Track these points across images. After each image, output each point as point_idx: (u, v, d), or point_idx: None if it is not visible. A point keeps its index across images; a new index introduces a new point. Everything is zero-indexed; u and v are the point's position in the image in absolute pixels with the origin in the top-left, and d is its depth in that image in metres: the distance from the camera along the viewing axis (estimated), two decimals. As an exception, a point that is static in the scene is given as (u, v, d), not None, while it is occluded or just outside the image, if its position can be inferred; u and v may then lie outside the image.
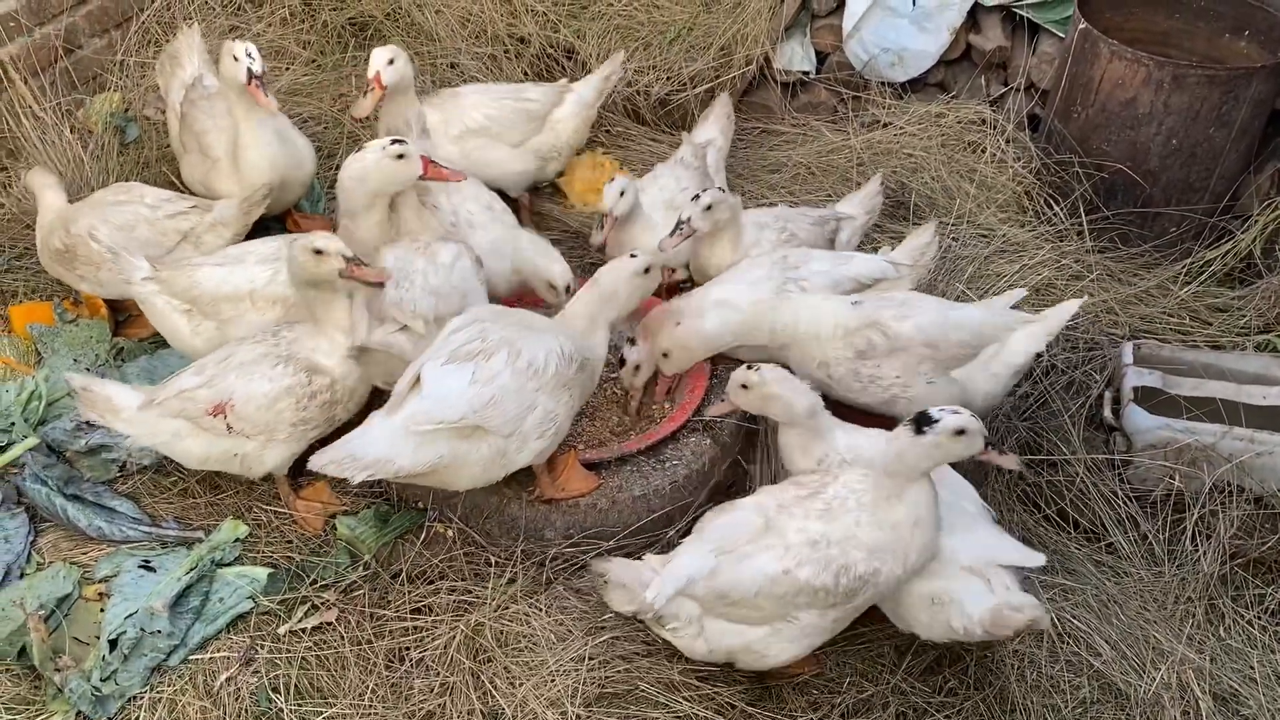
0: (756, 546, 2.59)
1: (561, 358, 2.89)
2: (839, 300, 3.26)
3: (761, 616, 2.60)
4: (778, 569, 2.54)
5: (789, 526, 2.60)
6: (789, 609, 2.58)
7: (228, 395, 2.96)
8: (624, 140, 4.81)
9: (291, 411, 2.99)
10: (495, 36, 4.97)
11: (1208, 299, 4.10)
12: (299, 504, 3.23)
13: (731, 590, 2.57)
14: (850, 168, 4.59)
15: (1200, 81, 4.00)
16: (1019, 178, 4.44)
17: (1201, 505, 3.27)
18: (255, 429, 2.99)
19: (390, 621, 2.98)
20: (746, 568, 2.56)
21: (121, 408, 3.02)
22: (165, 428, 3.01)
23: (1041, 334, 3.24)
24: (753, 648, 2.65)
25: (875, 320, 3.16)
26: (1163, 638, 3.05)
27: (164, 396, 2.98)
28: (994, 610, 2.60)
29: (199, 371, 3.01)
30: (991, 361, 3.22)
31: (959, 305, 3.30)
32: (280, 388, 2.97)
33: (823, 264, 3.40)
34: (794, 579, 2.54)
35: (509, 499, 3.10)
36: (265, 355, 3.01)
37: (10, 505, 3.20)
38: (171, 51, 4.23)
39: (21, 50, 4.33)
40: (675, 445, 3.25)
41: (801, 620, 2.60)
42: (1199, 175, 4.23)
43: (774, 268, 3.37)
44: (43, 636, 2.84)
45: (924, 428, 2.48)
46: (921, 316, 3.16)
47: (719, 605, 2.61)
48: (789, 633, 2.62)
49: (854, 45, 4.88)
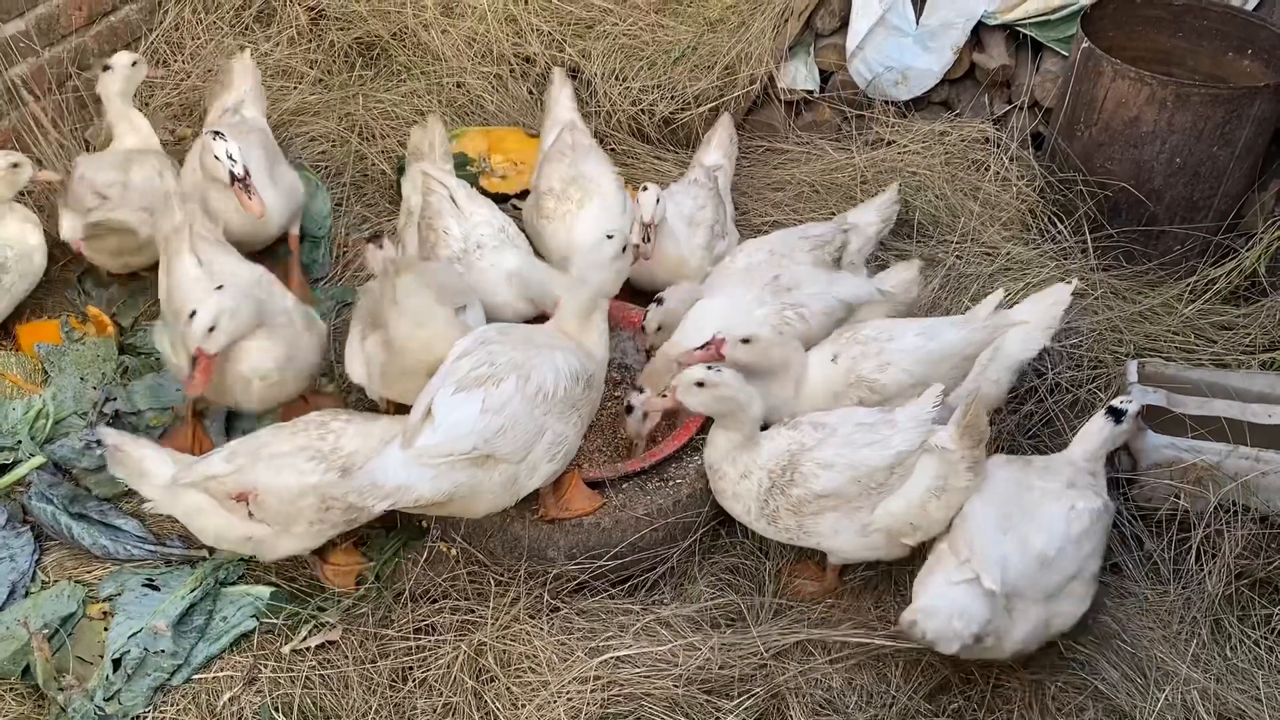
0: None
1: (570, 378, 2.91)
2: (819, 359, 3.27)
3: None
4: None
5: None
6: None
7: (253, 484, 2.89)
8: (629, 158, 4.83)
9: (313, 510, 2.92)
10: (501, 56, 5.00)
11: (1212, 317, 4.09)
12: (328, 569, 3.16)
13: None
14: (854, 186, 4.60)
15: (1204, 100, 4.01)
16: (1023, 196, 4.45)
17: (1207, 524, 3.25)
18: (274, 519, 2.92)
19: (393, 641, 2.99)
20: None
21: (151, 473, 2.96)
22: (187, 501, 2.94)
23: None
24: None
25: (859, 377, 3.19)
26: (1167, 658, 3.03)
27: (192, 477, 2.92)
28: None
29: (230, 458, 2.94)
30: (989, 367, 3.25)
31: (939, 328, 3.27)
32: (307, 484, 2.90)
33: (815, 285, 3.41)
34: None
35: (512, 518, 3.10)
36: (303, 448, 2.93)
37: (15, 524, 3.21)
38: (224, 73, 4.24)
39: (33, 70, 4.36)
40: (678, 464, 3.25)
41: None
42: (1203, 193, 4.23)
43: (765, 291, 3.38)
44: (46, 656, 2.84)
45: (1121, 418, 3.03)
46: (903, 359, 3.18)
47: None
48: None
49: (858, 64, 4.90)
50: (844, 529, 2.96)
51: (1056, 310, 3.33)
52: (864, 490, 2.92)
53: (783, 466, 2.97)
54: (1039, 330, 3.31)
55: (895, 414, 2.99)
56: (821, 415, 3.07)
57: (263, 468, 2.90)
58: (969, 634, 2.67)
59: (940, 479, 2.91)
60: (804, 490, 2.93)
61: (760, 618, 3.09)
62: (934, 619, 2.68)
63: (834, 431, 2.99)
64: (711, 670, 2.88)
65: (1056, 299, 3.35)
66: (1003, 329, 3.25)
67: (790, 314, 3.36)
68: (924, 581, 2.83)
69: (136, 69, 4.05)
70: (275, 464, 2.90)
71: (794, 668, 2.92)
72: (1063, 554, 2.80)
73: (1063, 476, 2.95)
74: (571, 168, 3.88)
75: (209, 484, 2.90)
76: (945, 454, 2.89)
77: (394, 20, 5.09)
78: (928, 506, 2.92)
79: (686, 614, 3.06)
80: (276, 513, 2.90)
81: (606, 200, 3.79)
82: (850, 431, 2.98)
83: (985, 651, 2.79)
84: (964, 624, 2.67)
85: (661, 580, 3.20)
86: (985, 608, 2.69)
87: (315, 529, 2.96)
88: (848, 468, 2.91)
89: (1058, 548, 2.80)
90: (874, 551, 3.02)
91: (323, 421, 3.00)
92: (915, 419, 2.95)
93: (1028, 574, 2.75)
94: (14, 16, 4.27)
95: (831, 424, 3.02)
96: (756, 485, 3.01)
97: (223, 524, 2.94)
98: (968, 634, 2.67)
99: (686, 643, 2.94)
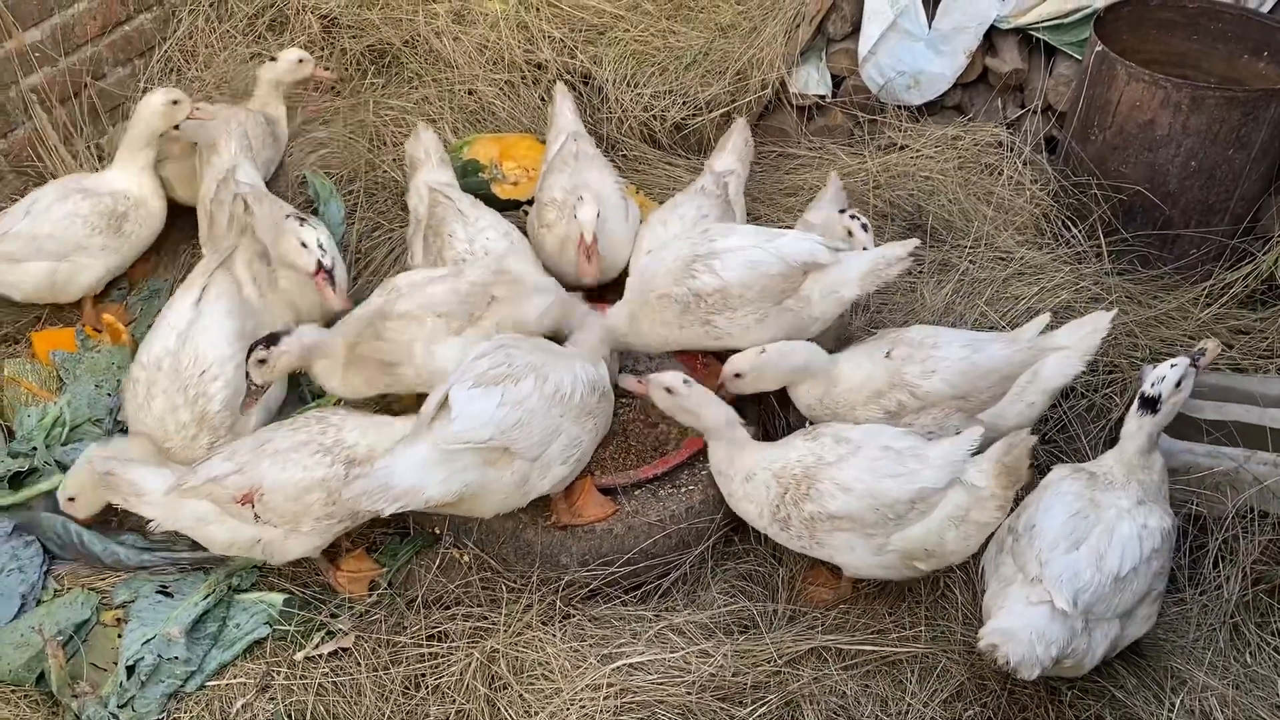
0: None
1: (587, 385, 2.94)
2: (865, 357, 3.24)
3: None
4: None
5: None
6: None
7: (258, 482, 2.88)
8: (640, 165, 4.83)
9: (320, 505, 2.91)
10: (512, 63, 5.00)
11: (1229, 321, 4.06)
12: (340, 577, 3.16)
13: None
14: (866, 190, 4.59)
15: (1219, 103, 3.98)
16: (1036, 200, 4.42)
17: (1225, 530, 3.23)
18: (281, 519, 2.91)
19: (406, 648, 2.99)
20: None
21: (146, 492, 2.95)
22: (190, 511, 2.93)
23: (1077, 355, 3.23)
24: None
25: (903, 379, 3.15)
26: (1184, 665, 3.01)
27: (193, 483, 2.91)
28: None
29: (230, 457, 2.94)
30: (1026, 390, 3.20)
31: (985, 342, 3.23)
32: (314, 478, 2.90)
33: (745, 239, 3.31)
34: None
35: (525, 525, 3.10)
36: (306, 443, 2.93)
37: (24, 534, 3.21)
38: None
39: (48, 79, 4.39)
40: (690, 470, 3.25)
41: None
42: (1219, 197, 4.20)
43: (686, 243, 3.35)
44: (61, 663, 2.85)
45: (1156, 404, 2.87)
46: (947, 369, 3.14)
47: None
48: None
49: (870, 69, 4.89)
50: (858, 547, 2.94)
51: (1095, 338, 3.25)
52: (881, 519, 2.88)
53: (797, 478, 2.94)
54: (1077, 356, 3.24)
55: (928, 448, 2.93)
56: (846, 429, 3.03)
57: (267, 464, 2.90)
58: (1049, 658, 2.60)
59: (962, 510, 2.87)
60: (818, 508, 2.90)
61: (774, 624, 3.08)
62: (1015, 643, 2.60)
63: (857, 450, 2.94)
64: (725, 677, 2.87)
65: (1095, 326, 3.26)
66: (1045, 352, 3.20)
67: (698, 265, 3.27)
68: (998, 600, 2.76)
69: (303, 65, 4.29)
70: (279, 460, 2.90)
71: (808, 675, 2.91)
72: (1136, 573, 2.75)
73: (1132, 492, 2.88)
74: (574, 177, 3.90)
75: (211, 488, 2.89)
76: (974, 490, 2.86)
77: (406, 28, 5.10)
78: (945, 535, 2.88)
79: (699, 621, 3.05)
80: (283, 511, 2.89)
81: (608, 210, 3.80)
82: (875, 455, 2.92)
83: (1062, 671, 2.75)
84: (1045, 648, 2.60)
85: (674, 587, 3.19)
86: (1064, 629, 2.64)
87: (324, 525, 2.95)
88: (867, 494, 2.87)
89: (1131, 567, 2.74)
90: (887, 571, 2.99)
91: (321, 416, 3.02)
92: (948, 459, 2.89)
93: (1103, 593, 2.70)
94: (31, 25, 4.30)
95: (855, 440, 2.97)
96: (764, 489, 2.99)
97: (230, 530, 2.93)
98: (1048, 658, 2.60)
99: (699, 649, 2.93)
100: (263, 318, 3.38)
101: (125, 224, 3.83)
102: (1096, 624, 2.73)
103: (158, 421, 3.15)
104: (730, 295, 3.22)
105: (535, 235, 3.88)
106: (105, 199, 3.79)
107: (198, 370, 3.16)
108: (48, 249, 3.71)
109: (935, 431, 3.15)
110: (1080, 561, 2.72)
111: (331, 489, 2.89)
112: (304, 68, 4.32)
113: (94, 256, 3.80)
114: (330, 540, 3.03)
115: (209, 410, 3.15)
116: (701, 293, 3.23)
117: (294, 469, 2.89)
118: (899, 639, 3.02)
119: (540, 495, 2.96)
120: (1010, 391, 3.19)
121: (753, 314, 3.25)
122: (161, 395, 3.15)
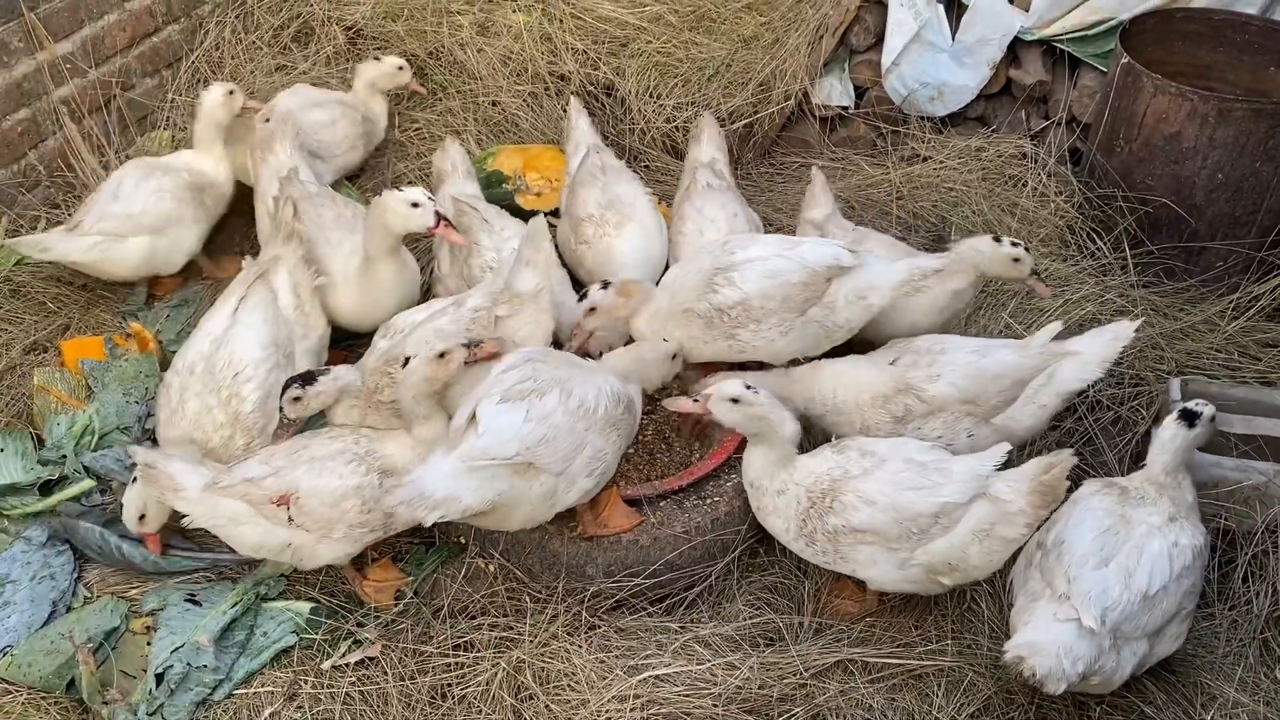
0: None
1: (611, 398, 2.95)
2: (870, 365, 3.25)
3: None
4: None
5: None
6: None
7: (294, 487, 2.91)
8: (662, 175, 4.84)
9: (355, 513, 2.94)
10: (536, 75, 5.03)
11: (1256, 334, 4.04)
12: (367, 586, 3.17)
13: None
14: (889, 201, 4.59)
15: (1246, 115, 3.97)
16: (1061, 211, 4.41)
17: (1255, 545, 3.21)
18: (315, 524, 2.94)
19: (433, 657, 2.99)
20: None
21: (184, 487, 2.97)
22: (224, 510, 2.94)
23: (1095, 362, 3.20)
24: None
25: (908, 385, 3.15)
26: (1214, 681, 2.98)
27: (229, 482, 2.94)
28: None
29: (267, 460, 2.97)
30: (1040, 392, 3.19)
31: (992, 348, 3.23)
32: (349, 486, 2.94)
33: (765, 249, 3.31)
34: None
35: (551, 535, 3.10)
36: (341, 451, 2.97)
37: (56, 542, 3.24)
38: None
39: (79, 90, 4.44)
40: (716, 482, 3.25)
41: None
42: (1245, 209, 4.18)
43: (707, 257, 3.35)
44: (91, 669, 2.87)
45: (1194, 420, 2.89)
46: (954, 373, 3.14)
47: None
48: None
49: (893, 80, 4.89)
50: (882, 560, 2.93)
51: (1116, 346, 3.22)
52: (905, 533, 2.87)
53: (823, 490, 2.94)
54: (1094, 362, 3.21)
55: (952, 462, 2.92)
56: (872, 442, 3.02)
57: (303, 470, 2.93)
58: (1076, 674, 2.59)
59: (987, 525, 2.85)
60: (842, 521, 2.90)
61: (799, 637, 3.08)
62: (1042, 656, 2.59)
63: (882, 463, 2.93)
64: (751, 690, 2.87)
65: (1117, 335, 3.24)
66: (1057, 358, 3.19)
67: (719, 279, 3.27)
68: (1025, 615, 2.74)
69: (401, 73, 4.64)
70: (316, 466, 2.93)
71: (834, 688, 2.90)
72: (1165, 591, 2.73)
73: (1163, 509, 2.87)
74: (606, 191, 3.93)
75: (247, 489, 2.92)
76: (1002, 505, 2.84)
77: (430, 39, 5.13)
78: (969, 550, 2.86)
79: (725, 633, 3.05)
80: (319, 516, 2.92)
81: (644, 225, 3.85)
82: (899, 468, 2.91)
83: (1089, 688, 2.74)
84: (1072, 664, 2.59)
85: (699, 598, 3.19)
86: (1092, 646, 2.63)
87: (356, 533, 2.97)
88: (890, 508, 2.86)
89: (1161, 585, 2.72)
90: (912, 585, 2.98)
91: (354, 428, 3.06)
92: (972, 473, 2.87)
93: (1131, 612, 2.69)
94: (62, 37, 4.35)
95: (881, 454, 2.96)
96: (794, 503, 2.99)
97: (262, 532, 2.95)
98: (1075, 674, 2.59)
99: (725, 661, 2.93)
100: (295, 329, 3.44)
101: (206, 197, 4.11)
102: (1125, 643, 2.71)
103: (193, 424, 3.20)
104: (752, 307, 3.23)
105: (573, 251, 3.90)
106: (183, 174, 4.06)
107: (231, 372, 3.23)
108: (145, 224, 3.94)
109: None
110: (1109, 579, 2.71)
111: (366, 497, 2.92)
112: (402, 75, 4.64)
113: (187, 227, 4.06)
114: (361, 548, 3.05)
115: (241, 411, 3.21)
116: (723, 306, 3.24)
117: (330, 476, 2.92)
118: (925, 652, 3.01)
119: (567, 508, 2.97)
120: (1023, 395, 3.18)
121: (777, 327, 3.25)
122: (195, 398, 3.21)
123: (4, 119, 4.21)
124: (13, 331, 3.95)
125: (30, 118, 4.30)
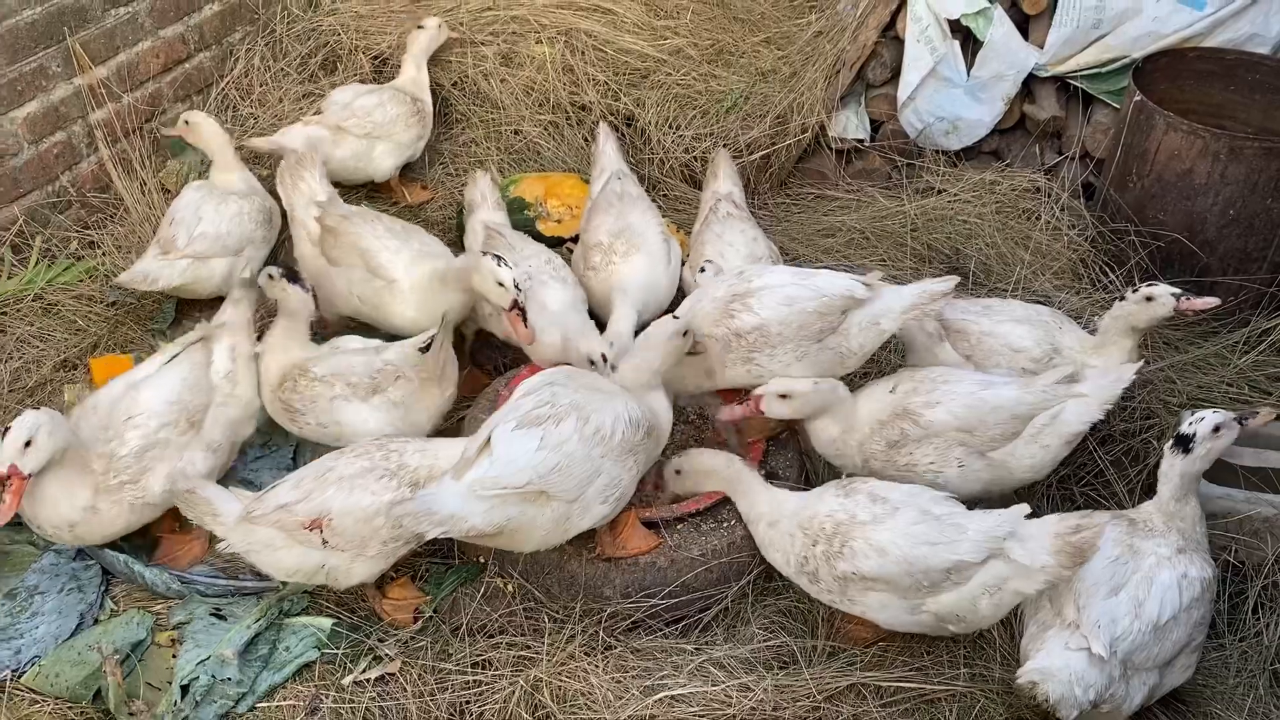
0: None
1: (629, 424, 2.97)
2: (869, 394, 3.30)
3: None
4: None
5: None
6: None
7: (325, 510, 2.95)
8: (681, 204, 4.92)
9: (388, 529, 2.96)
10: (557, 104, 5.13)
11: (1267, 368, 4.08)
12: (386, 604, 3.21)
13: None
14: (904, 233, 4.66)
15: (1258, 153, 4.03)
16: (1074, 245, 4.47)
17: (1265, 576, 3.24)
18: (349, 543, 2.97)
19: (451, 675, 3.03)
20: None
21: (221, 513, 3.02)
22: (259, 537, 2.99)
23: (1096, 403, 3.22)
24: None
25: (906, 410, 3.19)
26: (1222, 711, 3.01)
27: (262, 510, 2.98)
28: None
29: (297, 485, 3.01)
30: (1042, 432, 3.21)
31: (996, 382, 3.26)
32: (382, 503, 2.96)
33: (781, 277, 3.39)
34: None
35: (569, 556, 3.15)
36: (370, 469, 3.00)
37: (85, 556, 3.29)
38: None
39: (113, 113, 4.55)
40: (732, 506, 3.28)
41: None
42: (1257, 245, 4.23)
43: (724, 285, 3.43)
44: (118, 681, 2.92)
45: (1189, 444, 2.87)
46: (953, 401, 3.17)
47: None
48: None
49: (909, 114, 4.97)
50: (891, 606, 2.92)
51: (1117, 388, 3.25)
52: (915, 585, 2.86)
53: (828, 533, 2.92)
54: (1096, 404, 3.22)
55: (967, 518, 2.89)
56: (884, 488, 2.99)
57: (333, 491, 2.97)
58: (1088, 700, 2.64)
59: (999, 580, 2.83)
60: (851, 567, 2.88)
61: (813, 660, 3.11)
62: (1055, 683, 2.63)
63: (894, 511, 2.91)
64: (765, 712, 2.90)
65: (1119, 377, 3.27)
66: (1060, 399, 3.21)
67: (736, 305, 3.35)
68: (1036, 643, 2.77)
69: (441, 31, 5.05)
70: (346, 485, 2.97)
71: (847, 711, 2.93)
72: (1175, 621, 2.76)
73: (1172, 540, 2.89)
74: (619, 219, 4.01)
75: (280, 516, 2.96)
76: (1019, 566, 2.80)
77: (454, 69, 5.24)
78: (978, 602, 2.85)
79: (740, 655, 3.08)
80: (352, 535, 2.95)
81: (652, 255, 3.92)
82: (913, 519, 2.88)
83: (1098, 717, 2.77)
84: (1084, 690, 2.63)
85: (715, 621, 3.23)
86: (1102, 675, 2.67)
87: (389, 548, 3.01)
88: (903, 560, 2.84)
89: (1170, 615, 2.75)
90: (921, 629, 2.98)
91: (381, 443, 3.10)
92: (988, 533, 2.83)
93: (1141, 642, 2.72)
94: (99, 63, 4.46)
95: (893, 501, 2.93)
96: (787, 537, 3.01)
97: (297, 556, 2.99)
98: (1086, 700, 2.63)
99: (740, 683, 2.96)
100: (218, 395, 3.42)
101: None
102: (1135, 673, 2.74)
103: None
104: (769, 333, 3.29)
105: (581, 277, 3.97)
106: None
107: (125, 415, 3.19)
108: (229, 245, 4.14)
109: (936, 463, 3.17)
110: (1119, 608, 2.74)
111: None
112: (444, 31, 5.09)
113: (259, 248, 4.27)
114: (393, 563, 3.09)
115: (118, 453, 3.15)
116: (741, 331, 3.30)
117: (361, 494, 2.95)
118: (938, 677, 3.04)
119: (581, 532, 3.01)
120: (1025, 432, 3.20)
121: (793, 352, 3.31)
122: (89, 427, 3.20)
123: (41, 141, 4.32)
124: (44, 348, 4.04)
125: (65, 140, 4.41)
